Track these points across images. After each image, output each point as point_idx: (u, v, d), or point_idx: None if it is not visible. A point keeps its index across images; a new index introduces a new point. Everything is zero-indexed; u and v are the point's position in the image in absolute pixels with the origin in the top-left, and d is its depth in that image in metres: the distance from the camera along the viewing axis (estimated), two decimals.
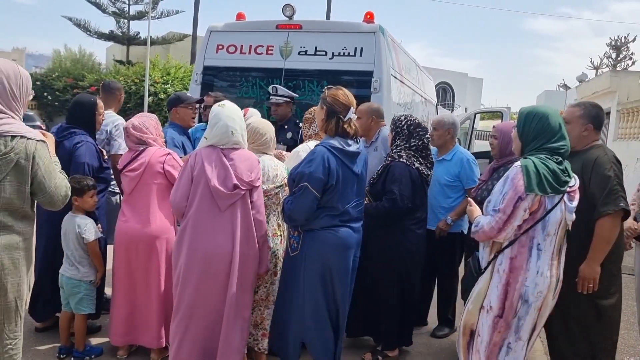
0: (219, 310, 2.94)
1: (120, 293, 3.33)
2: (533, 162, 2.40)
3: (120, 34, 25.96)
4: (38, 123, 17.38)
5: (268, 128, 3.39)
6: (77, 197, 3.27)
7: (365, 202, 3.39)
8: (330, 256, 2.93)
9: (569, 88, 34.51)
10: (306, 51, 4.96)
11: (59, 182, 2.30)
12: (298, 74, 4.96)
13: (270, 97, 4.65)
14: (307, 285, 2.93)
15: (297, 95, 4.72)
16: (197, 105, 4.32)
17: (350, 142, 2.98)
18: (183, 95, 4.26)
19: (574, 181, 2.53)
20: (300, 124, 4.13)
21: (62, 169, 2.41)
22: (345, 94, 3.01)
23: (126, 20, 26.00)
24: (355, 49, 4.80)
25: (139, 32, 25.95)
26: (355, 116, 3.06)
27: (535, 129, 2.50)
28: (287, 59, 5.00)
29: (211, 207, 2.90)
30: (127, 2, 25.80)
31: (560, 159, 2.46)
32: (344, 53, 4.83)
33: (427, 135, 3.63)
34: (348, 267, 3.02)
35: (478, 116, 11.76)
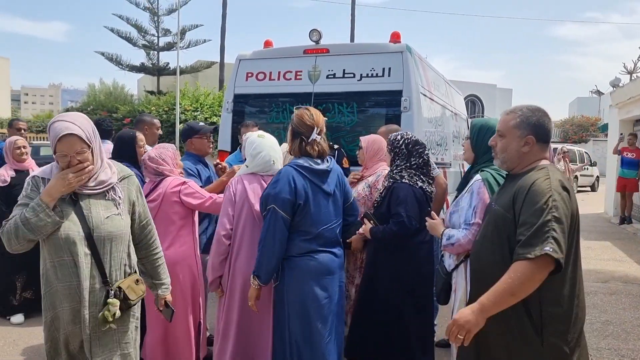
0: (267, 324, 3.01)
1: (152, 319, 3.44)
2: (492, 174, 2.56)
3: (150, 65, 26.78)
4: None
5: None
6: None
7: (371, 225, 3.29)
8: (312, 284, 2.81)
9: (602, 94, 33.62)
10: (334, 74, 5.00)
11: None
12: (327, 97, 4.99)
13: None
14: (292, 319, 2.81)
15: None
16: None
17: (318, 161, 2.89)
18: (195, 125, 4.10)
19: None
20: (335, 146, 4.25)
21: None
22: (310, 115, 2.91)
23: (156, 52, 26.84)
24: (383, 69, 4.82)
25: (168, 63, 26.74)
26: (320, 137, 2.92)
27: (487, 142, 2.44)
28: (315, 83, 5.05)
29: (253, 230, 3.00)
30: (157, 35, 26.66)
31: None
32: (372, 74, 4.85)
33: (426, 152, 3.48)
34: (333, 294, 2.90)
35: None
